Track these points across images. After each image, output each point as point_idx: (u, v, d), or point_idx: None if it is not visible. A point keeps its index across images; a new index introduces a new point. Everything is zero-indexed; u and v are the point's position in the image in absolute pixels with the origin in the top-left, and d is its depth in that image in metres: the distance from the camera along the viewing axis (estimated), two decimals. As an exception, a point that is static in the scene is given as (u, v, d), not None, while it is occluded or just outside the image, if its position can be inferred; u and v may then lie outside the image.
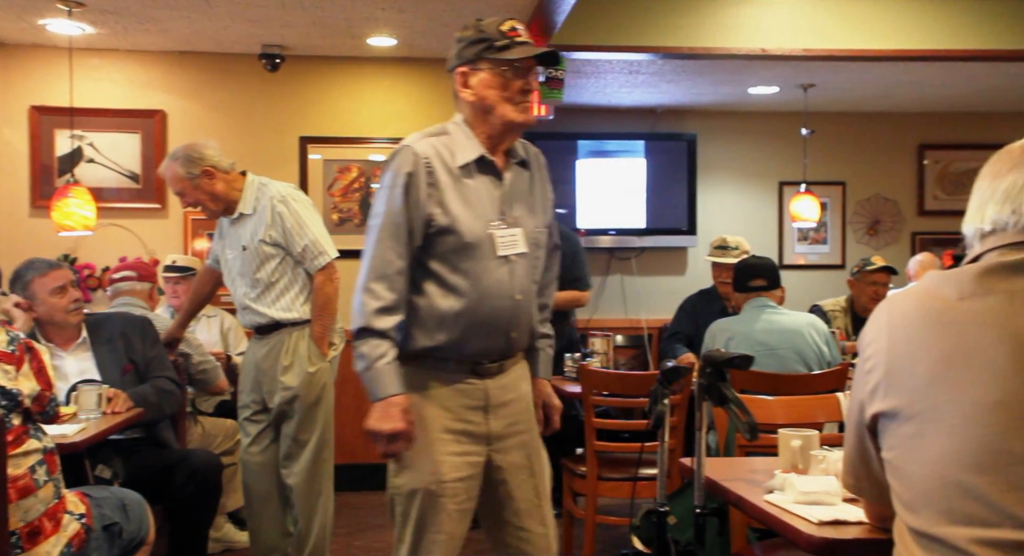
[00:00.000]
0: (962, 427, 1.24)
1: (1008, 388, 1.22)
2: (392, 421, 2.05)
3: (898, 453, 1.33)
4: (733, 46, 4.93)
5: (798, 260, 6.95)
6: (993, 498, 1.21)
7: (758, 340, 3.55)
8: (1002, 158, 1.38)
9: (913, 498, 1.30)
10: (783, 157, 6.75)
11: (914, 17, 4.94)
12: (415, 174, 2.09)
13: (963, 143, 6.89)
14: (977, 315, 1.27)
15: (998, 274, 1.29)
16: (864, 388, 1.38)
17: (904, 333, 1.33)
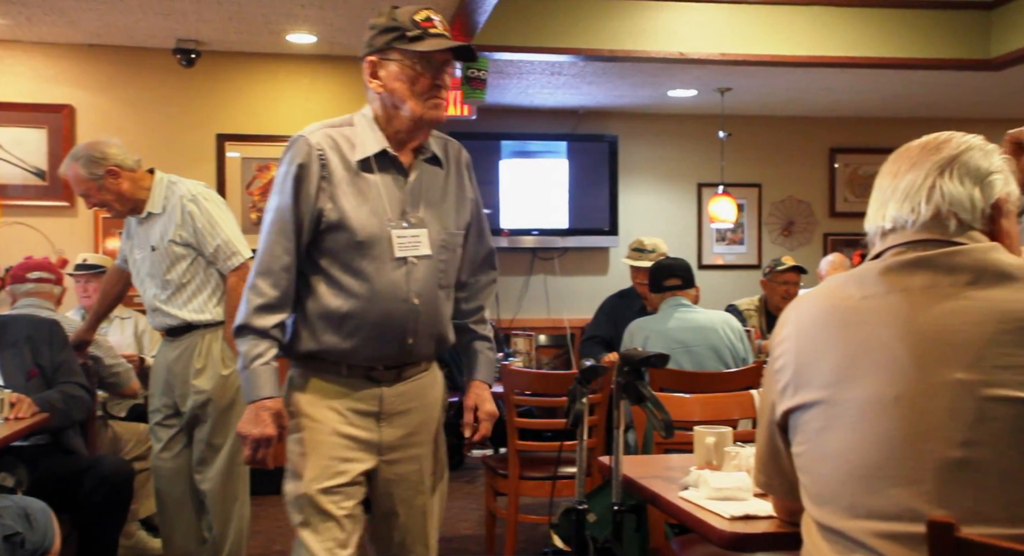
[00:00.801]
0: (864, 421, 1.27)
1: (908, 383, 1.25)
2: (261, 426, 1.95)
3: (807, 448, 1.35)
4: (652, 50, 5.02)
5: (717, 260, 7.10)
6: (892, 492, 1.23)
7: (674, 338, 3.61)
8: (900, 157, 1.42)
9: (820, 492, 1.33)
10: (701, 159, 6.89)
11: (826, 25, 5.10)
12: (307, 166, 1.97)
13: (872, 147, 7.13)
14: (879, 313, 1.30)
15: (897, 272, 1.32)
16: (775, 387, 1.41)
17: (811, 332, 1.36)
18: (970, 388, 1.23)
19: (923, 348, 1.26)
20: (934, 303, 1.28)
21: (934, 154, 1.38)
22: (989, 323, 1.25)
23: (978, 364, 1.23)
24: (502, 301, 6.76)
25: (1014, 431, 1.21)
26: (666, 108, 6.68)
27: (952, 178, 1.36)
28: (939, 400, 1.23)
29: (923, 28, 5.13)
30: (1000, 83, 5.58)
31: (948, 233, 1.34)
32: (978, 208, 1.35)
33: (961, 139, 1.39)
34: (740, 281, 6.85)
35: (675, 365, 3.56)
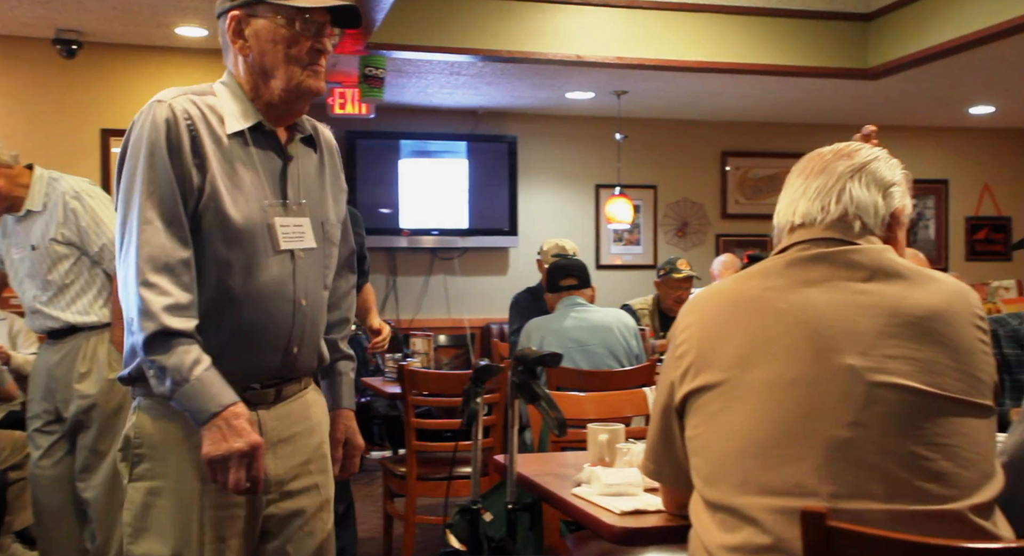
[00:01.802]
0: (762, 402, 1.34)
1: (804, 367, 1.33)
2: (243, 435, 1.55)
3: (703, 429, 1.40)
4: (550, 51, 5.07)
5: (615, 260, 7.22)
6: (785, 468, 1.30)
7: (571, 337, 3.66)
8: (813, 160, 1.51)
9: (713, 470, 1.38)
10: (599, 160, 6.99)
11: (717, 32, 5.25)
12: (177, 137, 1.60)
13: (761, 151, 7.38)
14: (780, 301, 1.38)
15: (801, 266, 1.40)
16: (675, 373, 1.45)
17: (716, 318, 1.43)
18: (860, 374, 1.31)
19: (820, 335, 1.34)
20: (832, 295, 1.37)
21: (846, 160, 1.47)
22: (881, 316, 1.34)
23: (869, 352, 1.32)
24: (401, 301, 6.72)
25: (896, 415, 1.30)
26: (564, 109, 6.76)
27: (861, 184, 1.45)
28: (832, 383, 1.31)
29: (806, 37, 5.34)
30: (877, 92, 5.85)
31: (852, 234, 1.43)
32: (880, 215, 1.44)
33: (870, 150, 1.49)
34: (637, 281, 6.98)
35: (571, 364, 3.60)
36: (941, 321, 1.35)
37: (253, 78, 1.68)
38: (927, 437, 1.30)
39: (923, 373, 1.32)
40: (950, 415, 1.31)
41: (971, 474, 1.30)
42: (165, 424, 1.62)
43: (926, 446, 1.29)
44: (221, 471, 1.55)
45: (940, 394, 1.31)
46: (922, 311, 1.35)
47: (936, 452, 1.29)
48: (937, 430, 1.30)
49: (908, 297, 1.36)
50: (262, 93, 1.68)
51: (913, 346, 1.33)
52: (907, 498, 1.27)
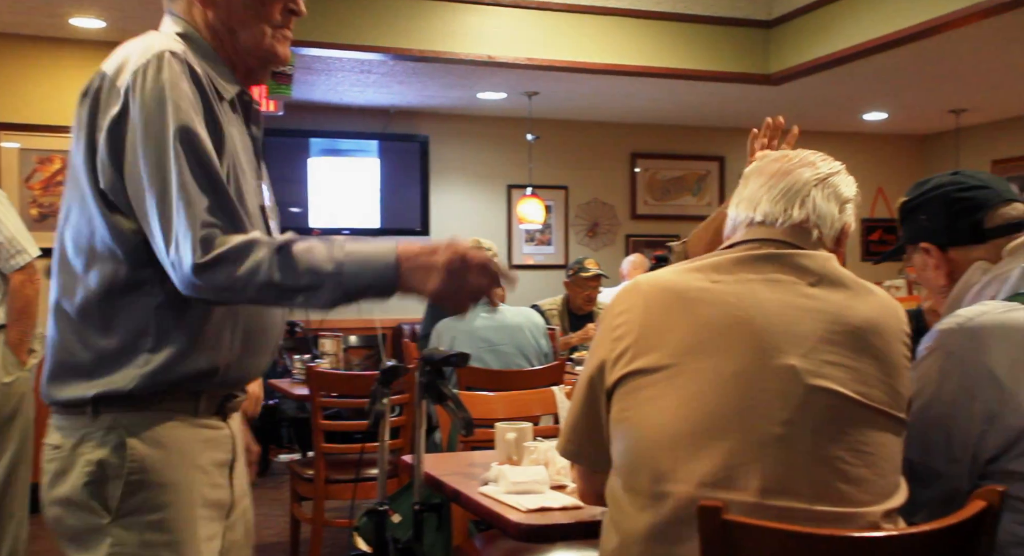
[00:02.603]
0: (701, 393, 1.33)
1: (747, 362, 1.33)
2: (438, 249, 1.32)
3: (634, 413, 1.37)
4: (461, 51, 5.07)
5: (527, 260, 7.26)
6: (715, 460, 1.30)
7: (481, 337, 3.67)
8: (779, 161, 1.51)
9: (641, 456, 1.36)
10: (511, 161, 7.03)
11: (626, 35, 5.34)
12: (195, 94, 1.35)
13: (669, 153, 7.54)
14: (728, 296, 1.38)
15: (750, 264, 1.41)
16: (609, 353, 1.42)
17: (660, 304, 1.40)
18: (799, 375, 1.32)
19: (765, 333, 1.34)
20: (780, 295, 1.38)
21: (811, 168, 1.48)
22: (823, 321, 1.36)
23: (809, 355, 1.33)
24: (311, 302, 6.62)
25: (827, 419, 1.32)
26: (476, 110, 6.76)
27: (823, 195, 1.47)
28: (772, 381, 1.32)
29: (711, 42, 5.47)
30: (779, 96, 6.04)
31: (807, 242, 1.44)
32: (835, 228, 1.47)
33: (832, 162, 1.52)
34: (549, 281, 7.04)
35: (481, 364, 3.62)
36: (876, 334, 1.38)
37: (217, 37, 1.46)
38: (851, 444, 1.32)
39: (855, 382, 1.34)
40: (873, 425, 1.34)
41: (885, 482, 1.35)
42: (164, 442, 1.38)
43: (850, 452, 1.32)
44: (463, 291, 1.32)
45: (867, 404, 1.34)
46: (861, 322, 1.37)
47: (858, 459, 1.32)
48: (861, 438, 1.33)
49: (850, 307, 1.38)
50: (226, 56, 1.46)
51: (850, 355, 1.35)
52: (829, 500, 1.30)
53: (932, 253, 1.66)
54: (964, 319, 1.50)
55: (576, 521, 1.79)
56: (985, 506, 1.27)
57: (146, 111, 1.31)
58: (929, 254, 1.66)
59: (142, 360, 1.35)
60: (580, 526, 1.79)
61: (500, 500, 1.86)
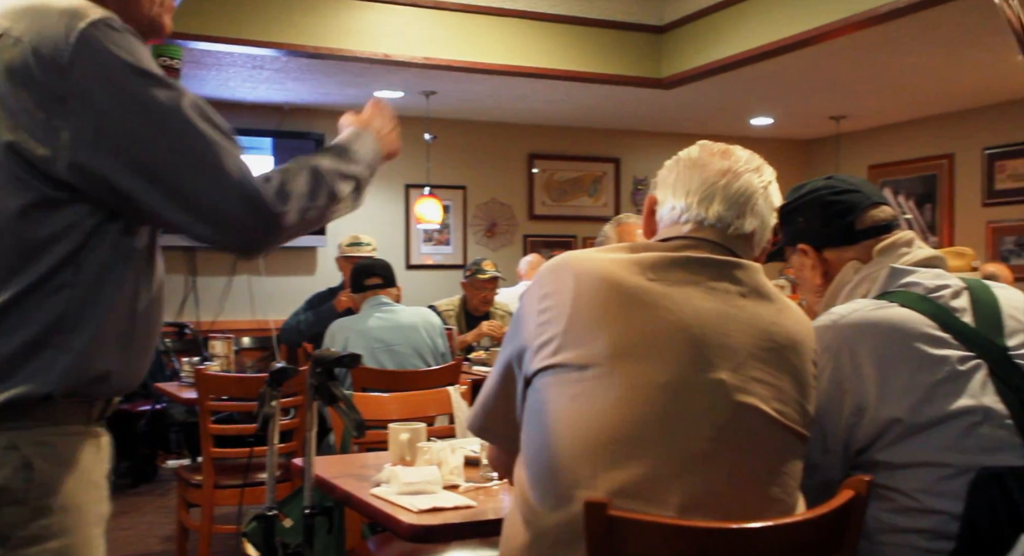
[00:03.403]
0: (628, 399, 1.29)
1: (679, 372, 1.30)
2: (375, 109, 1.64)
3: (553, 408, 1.33)
4: (357, 49, 5.01)
5: (426, 260, 7.23)
6: (636, 470, 1.27)
7: (376, 337, 3.64)
8: (726, 157, 1.46)
9: (555, 456, 1.31)
10: (409, 160, 6.98)
11: (522, 37, 5.38)
12: None
13: (566, 154, 7.63)
14: (666, 300, 1.33)
15: (688, 267, 1.37)
16: (533, 339, 1.36)
17: (593, 297, 1.33)
18: (729, 391, 1.31)
19: (700, 344, 1.31)
20: (715, 304, 1.35)
21: (758, 174, 1.47)
22: (753, 336, 1.35)
23: (739, 371, 1.32)
24: (202, 302, 6.43)
25: (751, 437, 1.32)
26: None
27: (766, 203, 1.47)
28: (701, 394, 1.30)
29: (606, 46, 5.57)
30: (671, 100, 6.19)
31: (747, 252, 1.43)
32: (767, 237, 1.47)
33: (769, 168, 1.50)
34: (448, 281, 7.03)
35: (376, 364, 3.59)
36: (794, 352, 1.38)
37: (108, 3, 1.33)
38: (768, 463, 1.33)
39: (775, 400, 1.34)
40: (787, 445, 1.36)
41: (791, 501, 1.37)
42: (67, 460, 1.27)
43: (766, 472, 1.33)
44: None
45: (784, 424, 1.35)
46: (784, 339, 1.37)
47: (772, 478, 1.33)
48: (776, 458, 1.34)
49: (775, 323, 1.37)
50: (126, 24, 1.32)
51: (773, 371, 1.35)
52: (740, 519, 1.28)
53: (809, 254, 1.72)
54: (837, 316, 1.56)
55: (469, 521, 1.79)
56: (853, 495, 1.33)
57: (122, 81, 1.24)
58: (806, 255, 1.72)
59: (53, 359, 1.23)
60: (473, 525, 1.79)
61: (392, 501, 1.85)
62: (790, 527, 1.29)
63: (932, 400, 1.46)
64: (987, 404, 1.45)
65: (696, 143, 1.52)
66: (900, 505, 1.47)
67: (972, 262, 3.51)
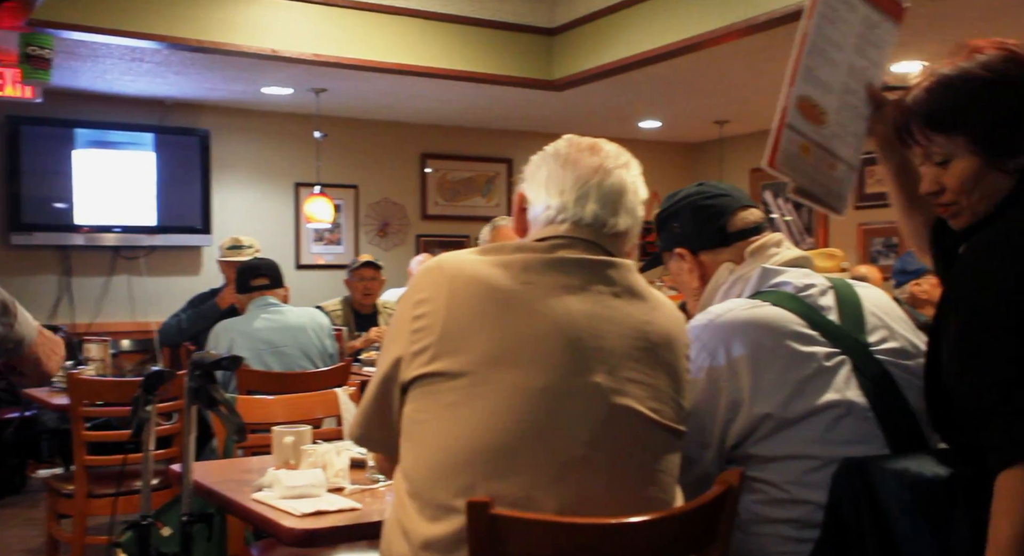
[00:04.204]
0: (505, 407, 1.29)
1: (555, 377, 1.30)
2: None
3: (432, 416, 1.32)
4: (243, 44, 4.89)
5: (317, 260, 7.11)
6: (516, 478, 1.28)
7: (262, 339, 3.56)
8: (596, 153, 1.45)
9: (434, 467, 1.31)
10: (298, 158, 6.85)
11: (413, 35, 5.35)
12: None
13: (459, 154, 7.62)
14: (539, 304, 1.33)
15: (561, 268, 1.36)
16: (409, 346, 1.35)
17: (467, 303, 1.32)
18: (605, 393, 1.32)
19: (575, 347, 1.32)
20: (589, 306, 1.35)
21: (627, 169, 1.47)
22: (627, 336, 1.36)
23: (614, 373, 1.33)
24: (78, 304, 6.15)
25: (626, 439, 1.34)
26: (261, 105, 6.54)
27: (637, 200, 1.48)
28: (577, 398, 1.31)
29: (498, 47, 5.60)
30: (563, 102, 6.26)
31: (620, 250, 1.44)
32: (637, 234, 1.49)
33: (635, 161, 1.50)
34: (340, 281, 6.90)
35: (263, 366, 3.51)
36: (669, 349, 1.41)
37: None
38: (645, 463, 1.36)
39: (651, 399, 1.36)
40: (663, 443, 1.38)
41: (667, 498, 1.40)
42: None
43: (643, 471, 1.35)
44: None
45: (660, 422, 1.37)
46: (657, 337, 1.39)
47: (649, 478, 1.36)
48: (653, 457, 1.37)
49: (649, 321, 1.39)
50: None
51: (648, 371, 1.36)
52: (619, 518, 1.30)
53: (686, 258, 1.76)
54: (713, 316, 1.61)
55: (354, 523, 1.77)
56: (726, 488, 1.38)
57: None
58: (683, 259, 1.77)
59: None
60: (358, 528, 1.77)
61: (273, 506, 1.81)
62: (666, 521, 1.33)
63: (801, 395, 1.52)
64: (851, 398, 1.52)
65: (562, 137, 1.52)
66: (771, 497, 1.52)
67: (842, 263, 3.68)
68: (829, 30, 1.58)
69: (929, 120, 1.38)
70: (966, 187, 1.38)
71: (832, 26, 1.58)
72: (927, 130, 1.39)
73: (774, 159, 1.53)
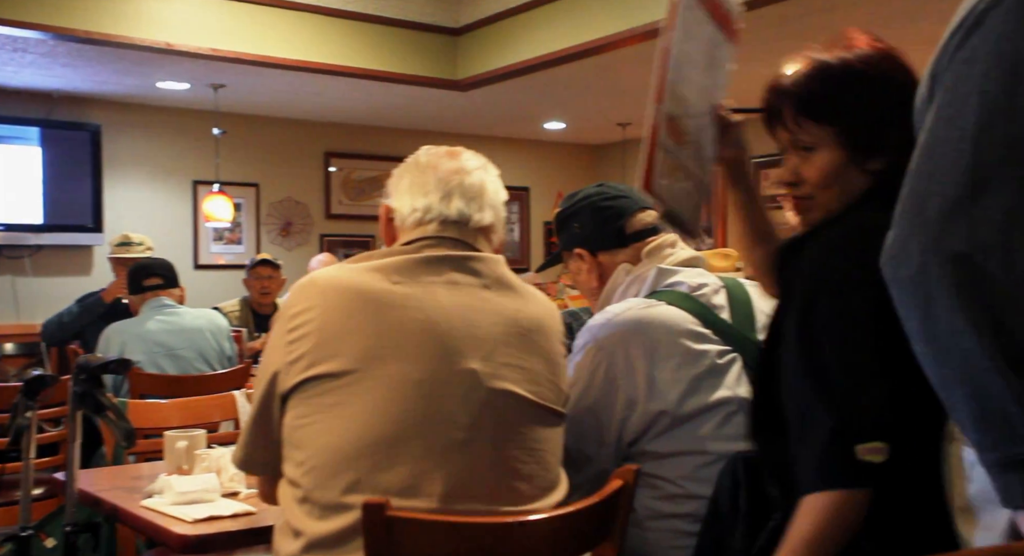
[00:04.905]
0: (385, 401, 1.32)
1: (431, 367, 1.34)
2: None
3: (314, 420, 1.34)
4: (135, 36, 4.73)
5: (217, 260, 6.93)
6: (401, 468, 1.30)
7: (156, 342, 3.45)
8: (454, 158, 1.51)
9: (321, 467, 1.32)
10: (196, 156, 6.66)
11: (316, 32, 5.27)
12: None
13: (364, 153, 7.54)
14: (411, 300, 1.37)
15: (431, 266, 1.41)
16: (285, 357, 1.37)
17: (340, 308, 1.36)
18: (481, 379, 1.35)
19: (448, 338, 1.35)
20: (459, 298, 1.39)
21: (485, 170, 1.52)
22: (500, 324, 1.40)
23: (489, 358, 1.37)
24: (-43, 306, 5.84)
25: (505, 421, 1.37)
26: (156, 99, 6.33)
27: (497, 196, 1.51)
28: (454, 386, 1.34)
29: (402, 46, 5.56)
30: (467, 102, 6.27)
31: (487, 245, 1.48)
32: (502, 229, 1.52)
33: (492, 165, 1.55)
34: (240, 281, 6.76)
35: (157, 370, 3.40)
36: (542, 335, 1.45)
37: None
38: (525, 442, 1.39)
39: (528, 382, 1.40)
40: (542, 422, 1.42)
41: (551, 476, 1.44)
42: None
43: (523, 451, 1.38)
44: None
45: (538, 402, 1.41)
46: (529, 323, 1.44)
47: (530, 456, 1.39)
48: (533, 435, 1.40)
49: (520, 309, 1.44)
50: None
51: (523, 355, 1.41)
52: (507, 499, 1.35)
53: (585, 258, 1.80)
54: (611, 315, 1.64)
55: (249, 528, 1.74)
56: (621, 484, 1.40)
57: None
58: (583, 259, 1.80)
59: None
60: (254, 533, 1.74)
61: (164, 513, 1.76)
62: (562, 518, 1.34)
63: (695, 392, 1.56)
64: (741, 395, 1.57)
65: (420, 149, 1.57)
66: (666, 492, 1.56)
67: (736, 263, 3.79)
68: (687, 46, 1.45)
69: (804, 105, 1.33)
70: (825, 181, 1.32)
71: (688, 42, 1.46)
72: (799, 115, 1.33)
73: (649, 181, 1.40)
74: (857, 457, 1.16)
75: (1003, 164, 0.95)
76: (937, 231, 0.95)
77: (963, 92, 0.98)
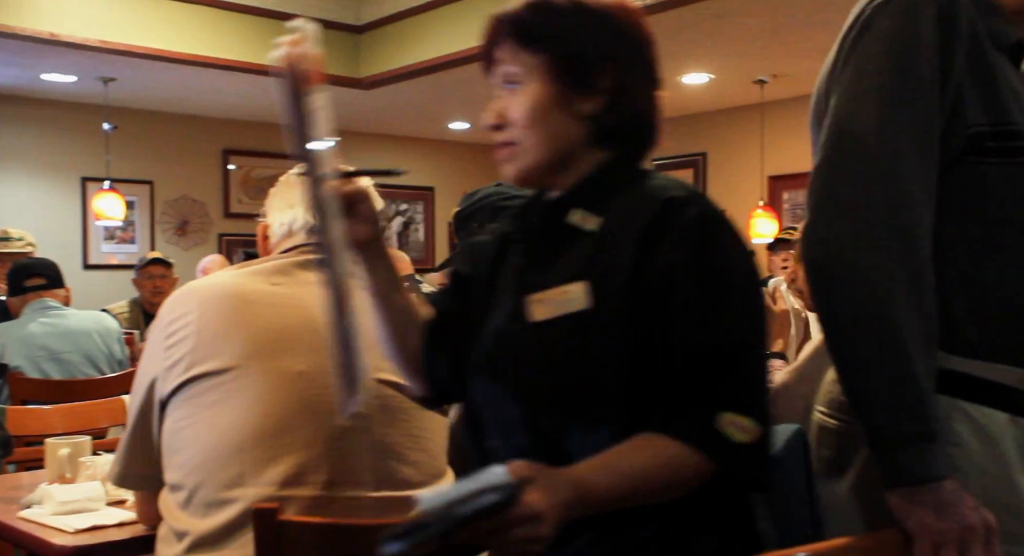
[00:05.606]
0: (266, 394, 1.34)
1: (311, 359, 1.36)
2: None
3: (194, 420, 1.35)
4: (17, 25, 4.53)
5: (109, 260, 6.69)
6: (287, 458, 1.32)
7: (39, 345, 3.30)
8: None
9: (203, 465, 1.33)
10: (85, 151, 6.41)
11: (211, 26, 5.14)
12: None
13: (264, 151, 7.38)
14: (288, 298, 1.41)
15: (307, 266, 1.44)
16: (164, 363, 1.38)
17: (218, 310, 1.39)
18: None
19: (324, 331, 1.34)
20: None
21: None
22: None
23: (371, 350, 1.35)
24: None
25: (388, 408, 1.40)
26: (41, 92, 6.06)
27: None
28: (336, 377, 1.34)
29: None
30: (371, 101, 6.21)
31: None
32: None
33: None
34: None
35: (40, 374, 3.26)
36: None
37: None
38: (408, 429, 1.42)
39: None
40: (425, 410, 1.43)
41: (436, 463, 1.47)
42: None
43: (407, 436, 1.41)
44: None
45: None
46: None
47: (413, 443, 1.42)
48: (415, 423, 1.43)
49: None
50: None
51: None
52: (391, 484, 1.37)
53: None
54: None
55: (136, 536, 1.68)
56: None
57: None
58: None
59: None
60: (141, 541, 1.68)
61: (43, 523, 1.69)
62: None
63: None
64: None
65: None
66: None
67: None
68: None
69: (519, 30, 1.16)
70: (531, 120, 1.15)
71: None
72: (515, 44, 1.17)
73: None
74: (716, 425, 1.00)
75: (906, 154, 1.03)
76: (851, 216, 1.02)
77: (861, 89, 1.05)
